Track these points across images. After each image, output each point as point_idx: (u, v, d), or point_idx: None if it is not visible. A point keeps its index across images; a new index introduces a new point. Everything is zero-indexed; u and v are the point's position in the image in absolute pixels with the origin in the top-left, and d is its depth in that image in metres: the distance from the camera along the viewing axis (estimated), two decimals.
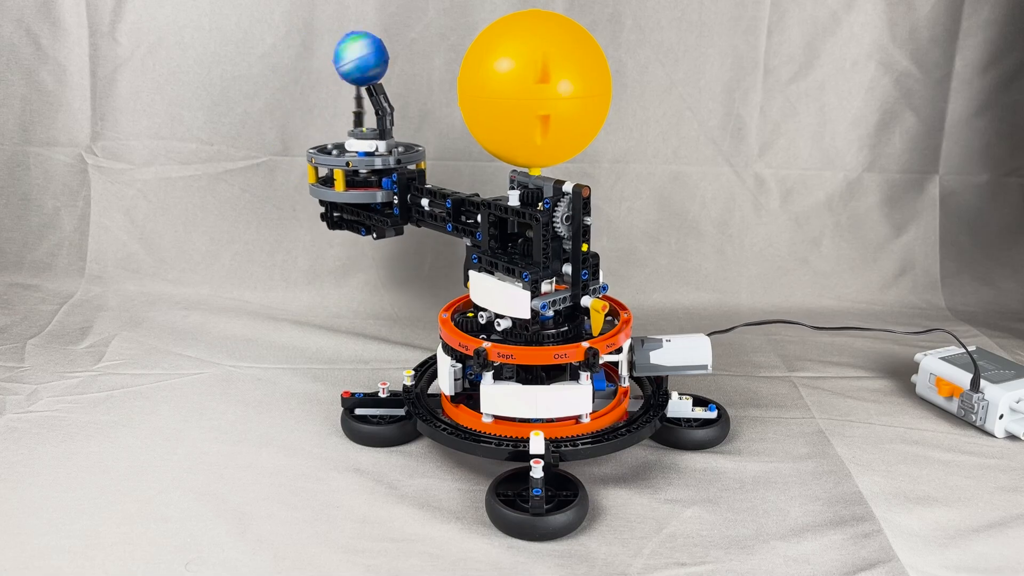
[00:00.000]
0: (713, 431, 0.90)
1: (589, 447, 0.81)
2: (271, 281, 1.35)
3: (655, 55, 1.31)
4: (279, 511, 0.78)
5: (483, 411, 0.83)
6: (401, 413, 0.91)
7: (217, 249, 1.36)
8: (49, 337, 1.18)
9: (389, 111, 0.94)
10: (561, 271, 0.82)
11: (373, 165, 0.92)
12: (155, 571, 0.70)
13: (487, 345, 0.81)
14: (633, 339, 0.87)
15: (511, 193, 0.83)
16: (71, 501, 0.79)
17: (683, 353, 0.86)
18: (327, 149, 0.96)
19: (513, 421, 0.83)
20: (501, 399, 0.82)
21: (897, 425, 0.95)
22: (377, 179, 0.94)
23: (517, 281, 0.81)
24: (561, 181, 0.80)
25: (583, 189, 0.79)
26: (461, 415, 0.86)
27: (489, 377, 0.82)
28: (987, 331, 1.24)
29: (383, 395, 0.92)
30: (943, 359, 1.00)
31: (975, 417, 0.94)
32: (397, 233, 0.95)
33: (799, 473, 0.85)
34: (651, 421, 0.86)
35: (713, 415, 0.90)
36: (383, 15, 1.27)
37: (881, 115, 1.36)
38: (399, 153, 0.94)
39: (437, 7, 1.27)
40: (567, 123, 0.79)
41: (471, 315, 0.90)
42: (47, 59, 1.32)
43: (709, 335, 0.89)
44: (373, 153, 0.93)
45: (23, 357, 1.11)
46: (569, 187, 0.79)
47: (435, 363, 0.94)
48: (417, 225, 0.93)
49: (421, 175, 0.93)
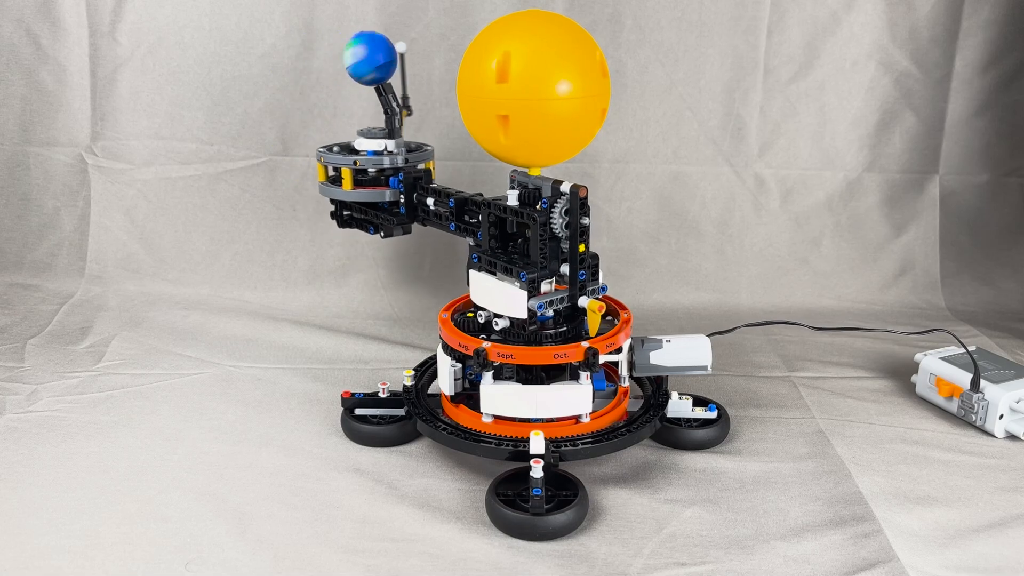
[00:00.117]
0: (713, 431, 0.90)
1: (589, 447, 0.81)
2: (271, 281, 1.35)
3: (655, 55, 1.31)
4: (279, 511, 0.78)
5: (483, 411, 0.83)
6: (401, 413, 0.91)
7: (217, 249, 1.36)
8: (49, 337, 1.18)
9: (398, 110, 0.94)
10: (559, 271, 0.82)
11: (379, 164, 0.93)
12: (155, 571, 0.70)
13: (487, 345, 0.81)
14: (633, 339, 0.87)
15: (510, 193, 0.83)
16: (71, 501, 0.79)
17: (683, 353, 0.86)
18: (334, 148, 0.96)
19: (513, 421, 0.83)
20: (501, 399, 0.82)
21: (897, 425, 0.95)
22: (385, 178, 0.94)
23: (515, 281, 0.81)
24: (559, 181, 0.80)
25: (580, 189, 0.78)
26: (461, 415, 0.86)
27: (489, 377, 0.82)
28: (987, 331, 1.24)
29: (383, 395, 0.92)
30: (943, 359, 1.00)
31: (975, 417, 0.94)
32: (405, 232, 0.95)
33: (799, 473, 0.85)
34: (651, 421, 0.86)
35: (713, 415, 0.90)
36: (383, 15, 1.27)
37: (881, 115, 1.36)
38: (407, 152, 0.94)
39: (437, 7, 1.27)
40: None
41: (471, 315, 0.90)
42: (47, 59, 1.32)
43: (709, 335, 0.89)
44: (382, 152, 0.93)
45: (23, 357, 1.11)
46: (567, 187, 0.79)
47: (435, 363, 0.94)
48: (423, 224, 0.94)
49: (427, 175, 0.94)
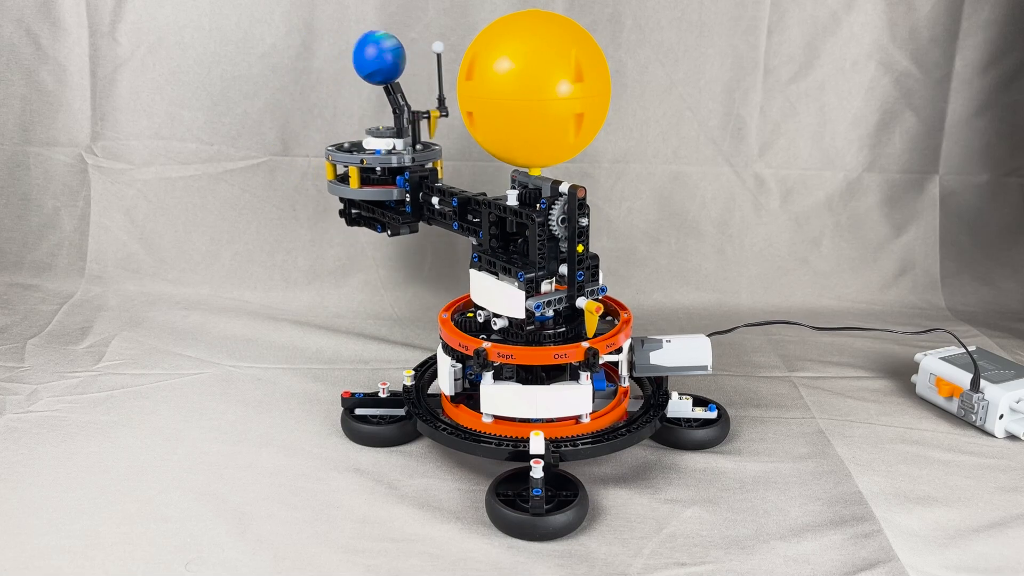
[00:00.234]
0: (713, 431, 0.89)
1: (589, 447, 0.81)
2: (271, 281, 1.35)
3: (655, 55, 1.31)
4: (279, 511, 0.78)
5: (483, 411, 0.83)
6: (401, 413, 0.91)
7: (217, 249, 1.36)
8: (49, 337, 1.18)
9: (406, 109, 0.94)
10: (558, 271, 0.82)
11: (385, 163, 0.93)
12: (155, 571, 0.70)
13: (487, 345, 0.81)
14: (633, 339, 0.87)
15: (509, 193, 0.83)
16: (71, 501, 0.79)
17: (683, 353, 0.86)
18: (345, 146, 0.96)
19: (513, 421, 0.83)
20: (501, 399, 0.82)
21: (897, 425, 0.95)
22: (392, 177, 0.94)
23: (514, 280, 0.81)
24: (558, 181, 0.80)
25: (578, 190, 0.78)
26: (461, 415, 0.86)
27: (489, 377, 0.82)
28: (987, 331, 1.24)
29: (383, 395, 0.92)
30: (943, 359, 1.00)
31: (975, 417, 0.93)
32: (412, 231, 0.95)
33: (799, 473, 0.85)
34: (651, 421, 0.86)
35: (713, 415, 0.90)
36: (383, 15, 1.27)
37: (881, 115, 1.36)
38: (414, 151, 0.94)
39: (437, 7, 1.27)
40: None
41: (471, 315, 0.90)
42: (47, 59, 1.32)
43: (709, 335, 0.89)
44: (391, 151, 0.93)
45: (23, 357, 1.11)
46: (566, 187, 0.79)
47: (435, 363, 0.94)
48: (428, 223, 0.94)
49: (433, 174, 0.94)
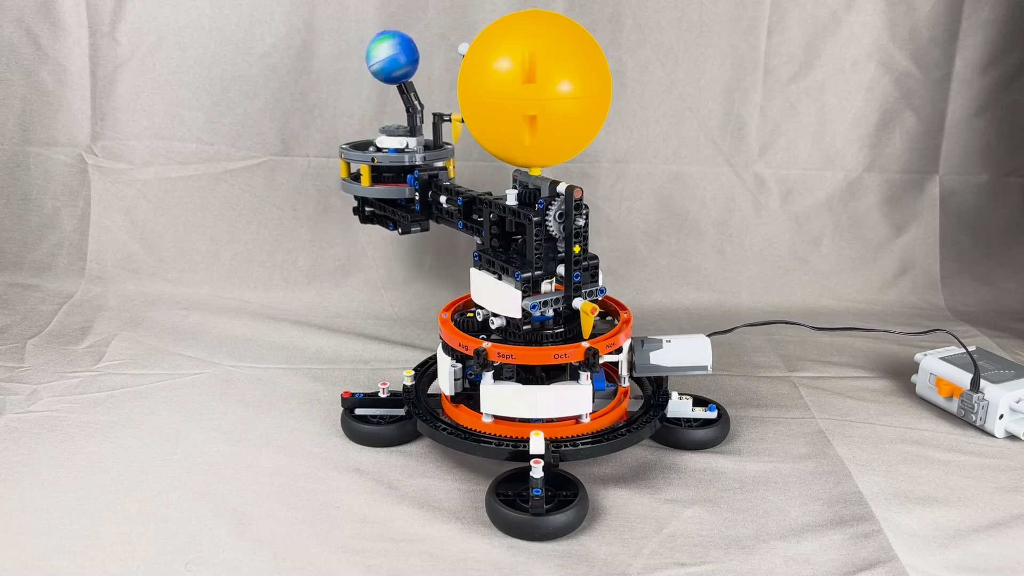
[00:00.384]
0: (713, 431, 0.90)
1: (589, 447, 0.81)
2: (271, 281, 1.35)
3: (655, 55, 1.31)
4: (279, 511, 0.78)
5: (483, 411, 0.83)
6: (401, 413, 0.91)
7: (217, 249, 1.36)
8: (49, 337, 1.18)
9: (419, 109, 0.94)
10: (556, 272, 0.82)
11: (395, 161, 0.93)
12: (155, 571, 0.70)
13: (487, 345, 0.81)
14: (633, 339, 0.87)
15: (509, 192, 0.83)
16: (71, 501, 0.79)
17: (683, 353, 0.86)
18: (359, 145, 0.97)
19: (513, 421, 0.83)
20: (501, 399, 0.82)
21: (897, 425, 0.95)
22: (403, 175, 0.94)
23: (512, 280, 0.81)
24: (557, 182, 0.80)
25: (575, 190, 0.78)
26: (461, 415, 0.86)
27: (489, 377, 0.82)
28: (987, 331, 1.24)
29: (383, 395, 0.92)
30: (943, 359, 1.00)
31: (975, 417, 0.93)
32: (423, 229, 0.95)
33: (799, 473, 0.85)
34: (651, 421, 0.86)
35: (713, 415, 0.90)
36: (383, 15, 1.27)
37: (881, 115, 1.36)
38: (426, 151, 0.94)
39: (437, 7, 1.27)
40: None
41: (471, 315, 0.90)
42: (47, 59, 1.32)
43: (709, 335, 0.89)
44: (403, 149, 0.93)
45: (23, 357, 1.11)
46: (563, 188, 0.79)
47: (435, 363, 0.94)
48: (436, 221, 0.94)
49: (443, 173, 0.94)
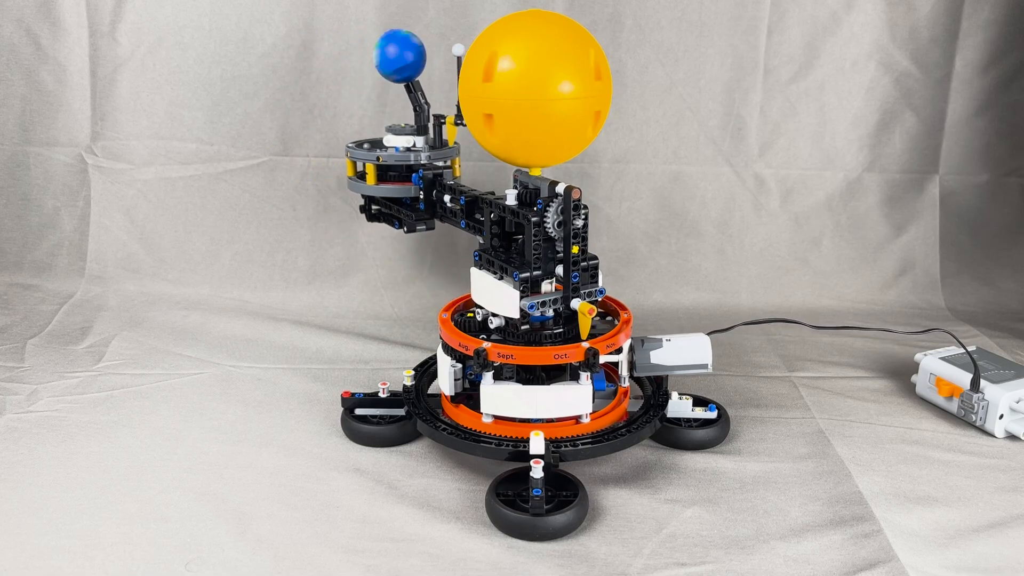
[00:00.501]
0: (713, 431, 0.90)
1: (589, 447, 0.81)
2: (271, 281, 1.35)
3: (655, 55, 1.31)
4: (279, 511, 0.78)
5: (483, 411, 0.83)
6: (401, 413, 0.91)
7: (217, 249, 1.36)
8: (49, 337, 1.18)
9: (426, 108, 0.95)
10: (554, 272, 0.82)
11: (399, 160, 0.93)
12: (155, 571, 0.70)
13: (487, 345, 0.81)
14: (633, 339, 0.87)
15: (509, 192, 0.83)
16: (71, 501, 0.79)
17: (683, 353, 0.86)
18: (363, 144, 0.98)
19: (513, 421, 0.83)
20: (501, 399, 0.82)
21: (897, 425, 0.95)
22: (409, 174, 0.95)
23: (511, 280, 0.81)
24: (556, 182, 0.80)
25: (573, 191, 0.78)
26: (461, 415, 0.86)
27: (489, 377, 0.82)
28: (987, 331, 1.24)
29: (383, 395, 0.92)
30: (943, 359, 1.00)
31: (975, 417, 0.94)
32: (428, 228, 0.96)
33: (799, 473, 0.85)
34: (651, 421, 0.86)
35: (713, 415, 0.90)
36: (383, 15, 1.27)
37: (881, 115, 1.36)
38: (432, 150, 0.95)
39: (437, 7, 1.27)
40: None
41: (471, 315, 0.90)
42: (47, 59, 1.32)
43: (709, 335, 0.89)
44: (410, 148, 0.93)
45: (23, 357, 1.11)
46: (562, 188, 0.79)
47: (435, 363, 0.94)
48: (441, 220, 0.94)
49: (448, 172, 0.94)
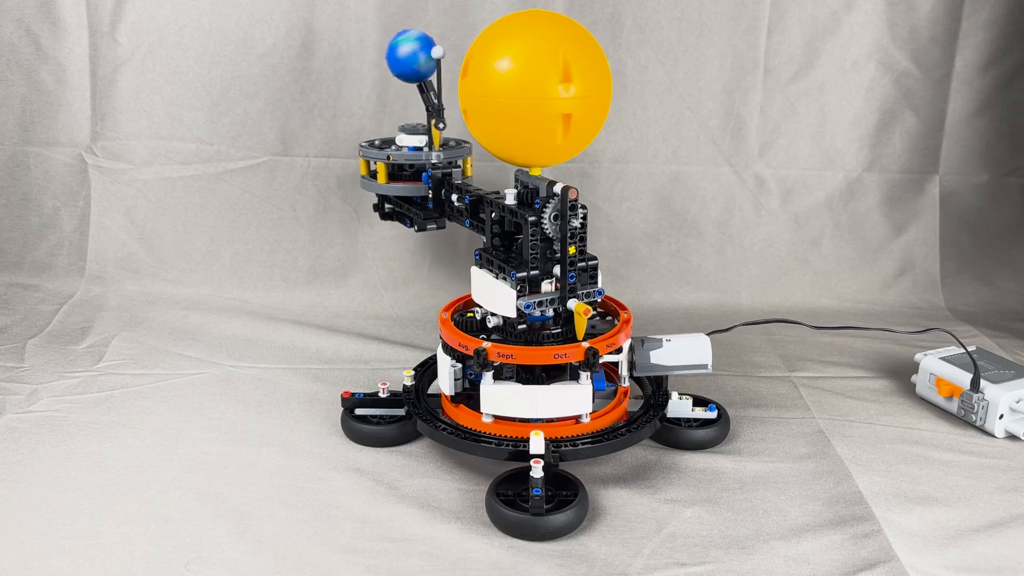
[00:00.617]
0: (713, 431, 0.90)
1: (589, 447, 0.81)
2: (271, 281, 1.35)
3: (655, 55, 1.31)
4: (279, 511, 0.78)
5: (483, 411, 0.83)
6: (401, 413, 0.91)
7: (217, 249, 1.36)
8: (49, 337, 1.18)
9: (439, 107, 0.94)
10: (552, 272, 0.82)
11: (410, 160, 0.93)
12: (155, 571, 0.70)
13: (487, 345, 0.81)
14: (633, 339, 0.87)
15: (508, 192, 0.83)
16: (71, 501, 0.79)
17: (683, 353, 0.86)
18: (376, 143, 0.98)
19: (513, 421, 0.83)
20: (501, 399, 0.82)
21: (897, 425, 0.95)
22: (419, 174, 0.95)
23: (509, 279, 0.81)
24: (554, 182, 0.80)
25: (570, 191, 0.78)
26: (461, 415, 0.86)
27: (489, 377, 0.82)
28: (987, 331, 1.24)
29: (383, 395, 0.92)
30: (943, 359, 1.00)
31: (975, 417, 0.94)
32: (439, 227, 0.96)
33: (799, 473, 0.85)
34: (651, 421, 0.86)
35: (713, 415, 0.90)
36: (383, 15, 1.27)
37: (881, 115, 1.36)
38: (445, 148, 0.95)
39: (437, 7, 1.27)
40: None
41: (471, 315, 0.90)
42: (47, 59, 1.32)
43: (709, 335, 0.89)
44: (422, 148, 0.94)
45: (23, 357, 1.11)
46: (559, 188, 0.79)
47: (435, 363, 0.94)
48: (449, 219, 0.95)
49: (457, 171, 0.94)
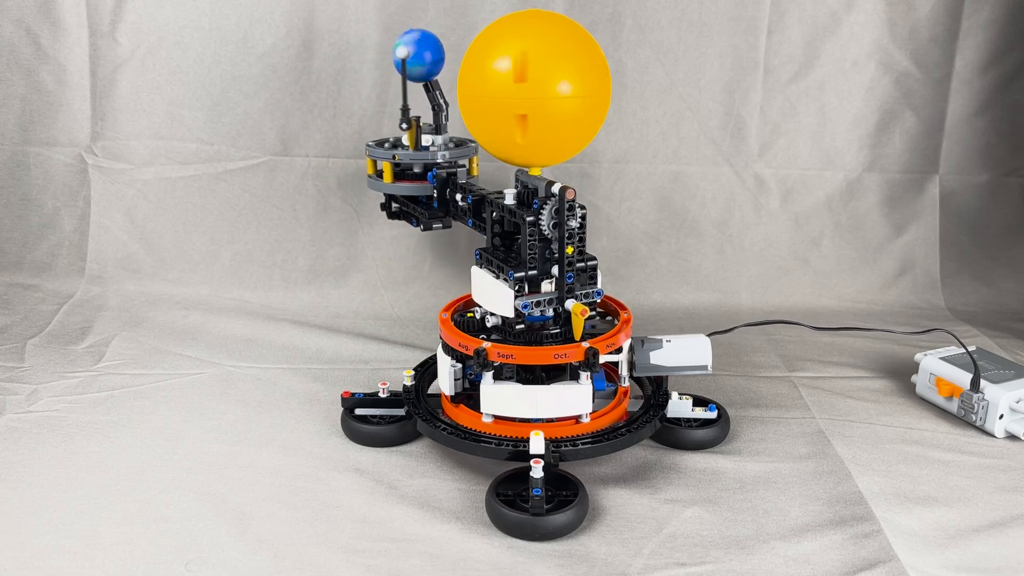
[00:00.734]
0: (713, 431, 0.90)
1: (589, 447, 0.81)
2: (271, 281, 1.35)
3: (655, 55, 1.31)
4: (279, 511, 0.78)
5: (483, 411, 0.83)
6: (401, 413, 0.91)
7: (217, 249, 1.36)
8: (49, 337, 1.18)
9: (444, 107, 0.95)
10: (551, 272, 0.82)
11: (414, 159, 0.94)
12: (155, 571, 0.70)
13: (487, 345, 0.81)
14: (633, 339, 0.87)
15: (507, 192, 0.83)
16: (71, 501, 0.79)
17: (683, 353, 0.86)
18: (384, 143, 0.98)
19: (513, 421, 0.83)
20: (501, 399, 0.82)
21: (897, 425, 0.95)
22: (425, 173, 0.95)
23: (507, 279, 0.81)
24: (553, 182, 0.80)
25: (568, 191, 0.78)
26: (461, 415, 0.86)
27: (489, 377, 0.82)
28: (987, 331, 1.24)
29: (383, 395, 0.92)
30: (943, 359, 1.00)
31: (975, 417, 0.94)
32: (445, 226, 0.96)
33: (799, 473, 0.85)
34: (651, 421, 0.86)
35: (713, 415, 0.90)
36: (383, 15, 1.27)
37: (881, 115, 1.36)
38: (450, 148, 0.95)
39: (437, 7, 1.27)
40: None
41: (471, 315, 0.90)
42: (47, 59, 1.32)
43: (709, 335, 0.89)
44: (428, 147, 0.94)
45: (23, 357, 1.11)
46: (558, 188, 0.79)
47: (435, 363, 0.94)
48: (455, 219, 0.95)
49: (462, 170, 0.94)
